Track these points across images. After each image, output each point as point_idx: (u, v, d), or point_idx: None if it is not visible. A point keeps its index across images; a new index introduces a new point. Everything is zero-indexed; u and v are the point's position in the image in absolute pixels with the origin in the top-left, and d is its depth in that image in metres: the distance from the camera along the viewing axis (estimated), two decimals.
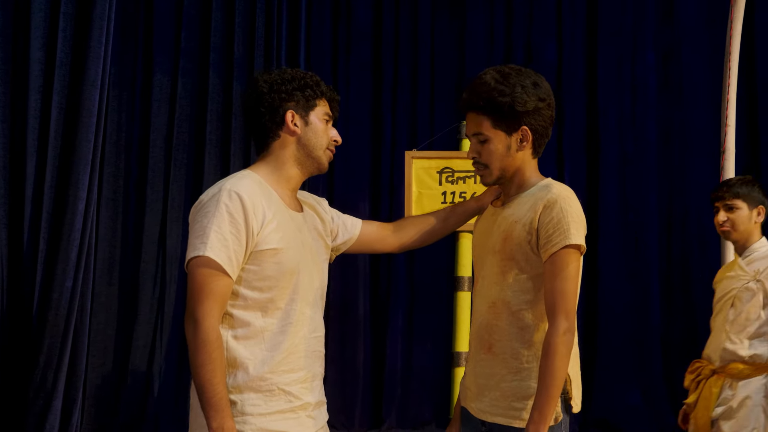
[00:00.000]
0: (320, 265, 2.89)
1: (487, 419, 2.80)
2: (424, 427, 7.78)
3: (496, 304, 2.79)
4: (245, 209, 2.60)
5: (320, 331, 2.83)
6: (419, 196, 5.55)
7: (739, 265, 4.24)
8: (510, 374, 2.74)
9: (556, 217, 2.66)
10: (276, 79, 2.80)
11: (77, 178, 5.76)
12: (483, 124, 2.78)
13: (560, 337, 2.61)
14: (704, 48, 8.13)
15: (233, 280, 2.62)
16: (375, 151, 8.09)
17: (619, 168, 8.13)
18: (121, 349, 6.83)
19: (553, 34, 8.27)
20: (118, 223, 6.92)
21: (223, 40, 7.29)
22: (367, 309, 7.87)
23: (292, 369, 2.70)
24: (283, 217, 2.73)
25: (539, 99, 2.76)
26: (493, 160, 2.81)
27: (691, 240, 8.12)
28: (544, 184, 2.82)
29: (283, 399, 2.68)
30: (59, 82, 5.85)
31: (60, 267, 5.71)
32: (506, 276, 2.77)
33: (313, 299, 2.81)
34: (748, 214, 4.17)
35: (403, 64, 8.18)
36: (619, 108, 8.19)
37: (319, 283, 2.86)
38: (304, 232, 2.82)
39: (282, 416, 2.68)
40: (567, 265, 2.65)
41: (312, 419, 2.75)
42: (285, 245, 2.69)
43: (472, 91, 2.80)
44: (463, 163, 5.51)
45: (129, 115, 7.04)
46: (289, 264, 2.69)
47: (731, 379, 4.10)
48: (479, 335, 2.85)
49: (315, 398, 2.78)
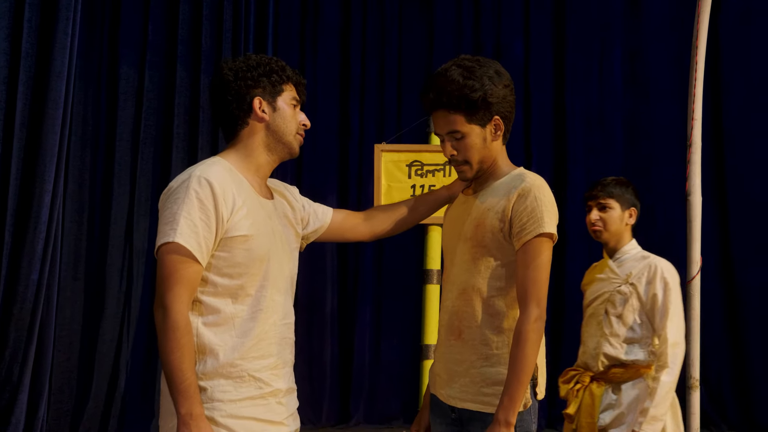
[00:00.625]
0: (290, 253, 2.88)
1: (456, 405, 2.81)
2: (392, 421, 7.80)
3: (466, 290, 2.80)
4: (215, 195, 2.59)
5: (290, 318, 2.83)
6: (388, 189, 5.56)
7: (609, 267, 4.16)
8: (480, 360, 2.76)
9: (530, 206, 2.68)
10: (241, 66, 2.77)
11: (43, 170, 5.70)
12: (457, 121, 2.76)
13: (532, 324, 2.63)
14: (670, 44, 8.23)
15: (203, 266, 2.61)
16: (342, 144, 8.11)
17: (585, 161, 8.20)
18: (88, 343, 6.78)
19: (521, 30, 8.33)
20: (84, 216, 6.86)
21: (191, 33, 7.26)
22: (335, 303, 7.87)
23: (262, 355, 2.69)
24: (253, 203, 2.71)
25: (504, 86, 2.77)
26: (471, 154, 2.81)
27: (657, 232, 8.19)
28: (517, 173, 2.83)
29: (253, 385, 2.67)
30: (24, 73, 5.79)
31: (26, 260, 5.65)
32: (477, 263, 2.78)
33: (284, 286, 2.80)
34: (620, 214, 4.12)
35: (371, 59, 8.19)
36: (586, 102, 8.27)
37: (290, 270, 2.85)
38: (274, 219, 2.81)
39: (252, 402, 2.66)
40: (539, 254, 2.68)
41: (282, 406, 2.74)
42: (255, 232, 2.67)
43: (441, 90, 2.76)
44: (432, 156, 5.53)
45: (95, 107, 6.98)
46: (259, 251, 2.68)
47: (614, 383, 3.99)
48: (449, 322, 2.86)
49: (285, 385, 2.77)
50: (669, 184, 8.08)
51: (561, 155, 8.22)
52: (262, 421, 2.67)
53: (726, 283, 8.05)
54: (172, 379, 2.50)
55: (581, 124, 8.27)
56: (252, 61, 2.79)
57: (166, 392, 2.57)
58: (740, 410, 7.88)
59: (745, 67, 8.18)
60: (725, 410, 7.87)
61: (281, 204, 2.91)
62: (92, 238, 6.91)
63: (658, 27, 8.34)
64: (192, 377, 2.53)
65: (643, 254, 4.16)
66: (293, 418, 2.81)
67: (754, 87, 8.14)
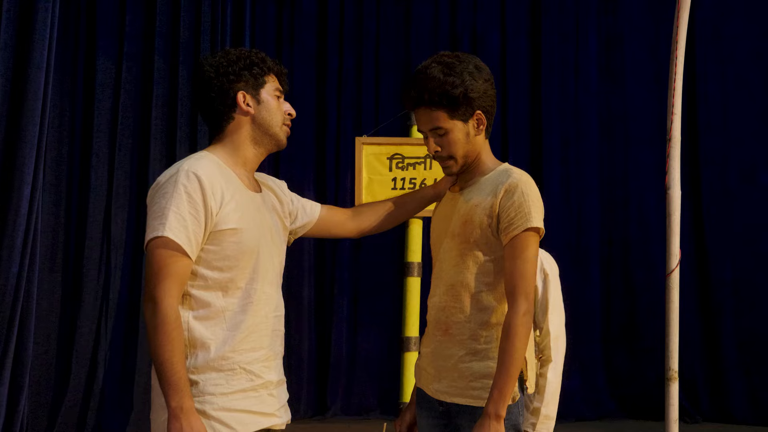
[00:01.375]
0: (279, 246, 2.90)
1: (445, 399, 2.84)
2: (369, 413, 7.84)
3: (454, 286, 2.83)
4: (203, 189, 2.60)
5: (281, 310, 2.85)
6: (369, 182, 5.55)
7: None
8: (468, 355, 2.79)
9: (517, 201, 2.72)
10: (221, 62, 2.78)
11: (23, 161, 5.67)
12: (440, 117, 2.80)
13: (521, 318, 2.66)
14: (647, 33, 8.31)
15: (192, 260, 2.63)
16: (320, 137, 8.13)
17: (561, 152, 8.27)
18: (65, 336, 6.76)
19: (497, 22, 8.37)
20: (61, 209, 6.84)
21: (169, 24, 7.24)
22: (312, 296, 7.90)
23: (253, 348, 2.71)
24: (242, 197, 2.73)
25: (485, 80, 2.81)
26: (456, 150, 2.84)
27: (631, 224, 8.28)
28: (503, 169, 2.87)
29: (245, 378, 2.69)
30: (3, 65, 5.75)
31: (5, 252, 5.63)
32: (465, 259, 2.82)
33: (274, 278, 2.82)
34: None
35: (348, 52, 8.21)
36: (561, 94, 8.34)
37: (279, 263, 2.88)
38: (263, 212, 2.83)
39: (244, 395, 2.68)
40: (527, 248, 2.71)
41: (274, 397, 2.77)
42: (244, 225, 2.69)
43: (422, 87, 2.79)
44: (413, 149, 5.54)
45: (71, 99, 6.95)
46: (248, 243, 2.70)
47: None
48: (437, 318, 2.89)
49: (276, 377, 2.79)
50: (644, 174, 8.18)
51: (537, 146, 8.29)
52: (254, 413, 2.69)
53: (700, 276, 8.15)
54: (162, 372, 2.52)
55: (557, 115, 8.34)
56: (232, 56, 2.79)
57: (156, 386, 2.58)
58: (714, 401, 7.99)
59: (720, 60, 8.29)
60: (699, 401, 7.98)
61: (269, 197, 2.93)
62: (69, 230, 6.88)
63: (635, 17, 8.42)
64: (182, 371, 2.54)
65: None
66: (285, 410, 2.83)
67: (730, 80, 8.24)
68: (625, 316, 8.29)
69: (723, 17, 8.27)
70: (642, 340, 8.14)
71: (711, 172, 8.21)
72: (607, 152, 8.36)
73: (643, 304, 8.21)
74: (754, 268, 8.05)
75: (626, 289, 8.32)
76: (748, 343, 7.98)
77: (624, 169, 8.32)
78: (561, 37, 8.35)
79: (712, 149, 8.22)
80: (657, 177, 7.93)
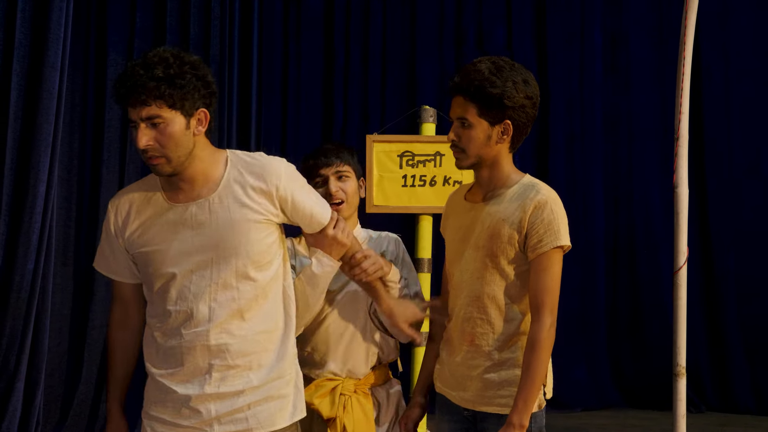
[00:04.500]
0: (221, 253, 2.80)
1: (471, 408, 2.93)
2: None
3: (480, 298, 2.90)
4: (108, 220, 2.88)
5: (205, 325, 2.79)
6: (380, 180, 5.61)
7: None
8: (495, 365, 2.87)
9: (547, 218, 2.81)
10: None
11: (38, 160, 5.71)
12: (469, 110, 2.86)
13: (546, 331, 2.77)
14: (652, 30, 8.35)
15: (126, 282, 2.96)
16: (326, 133, 8.18)
17: (566, 149, 8.33)
18: (78, 328, 6.81)
19: (503, 18, 8.41)
20: (73, 203, 6.88)
21: (179, 20, 7.26)
22: None
23: (169, 365, 2.83)
24: (158, 218, 2.81)
25: (527, 96, 2.86)
26: (471, 146, 2.89)
27: (636, 219, 8.33)
28: (529, 183, 2.93)
29: (161, 390, 2.85)
30: (19, 64, 5.79)
31: (21, 250, 5.68)
32: (491, 271, 2.88)
33: (200, 291, 2.79)
34: (356, 186, 3.43)
35: (354, 47, 8.26)
36: (566, 90, 8.38)
37: (215, 273, 2.80)
38: (186, 228, 2.79)
39: (166, 403, 2.84)
40: (553, 264, 2.82)
41: (192, 411, 2.80)
42: (152, 247, 2.80)
43: (465, 76, 2.86)
44: (424, 146, 5.60)
45: (82, 94, 6.99)
46: (157, 263, 2.81)
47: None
48: (461, 328, 2.95)
49: (196, 391, 2.79)
50: (649, 170, 8.24)
51: (542, 143, 8.34)
52: (165, 423, 2.85)
53: (705, 268, 8.21)
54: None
55: (562, 111, 8.39)
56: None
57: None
58: (718, 391, 8.07)
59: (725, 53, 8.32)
60: (704, 391, 8.06)
61: (231, 192, 2.82)
62: (81, 223, 6.93)
63: (640, 13, 8.46)
64: (110, 379, 3.05)
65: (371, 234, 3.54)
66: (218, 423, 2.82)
67: (734, 73, 8.28)
68: (630, 309, 8.37)
69: (727, 10, 8.30)
70: (647, 332, 8.22)
71: (715, 164, 8.26)
72: (612, 148, 8.41)
73: (648, 297, 8.28)
74: (758, 260, 8.11)
75: (631, 282, 8.39)
76: (753, 334, 8.06)
77: (628, 164, 8.39)
78: (566, 34, 8.40)
79: (716, 142, 8.27)
80: (661, 172, 8.02)
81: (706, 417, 7.77)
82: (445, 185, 5.57)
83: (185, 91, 2.66)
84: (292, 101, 8.20)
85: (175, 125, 2.67)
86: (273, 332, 2.87)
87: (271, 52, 8.08)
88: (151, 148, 2.67)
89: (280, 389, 2.87)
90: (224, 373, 2.79)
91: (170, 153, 2.69)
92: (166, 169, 2.71)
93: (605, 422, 7.57)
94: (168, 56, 2.68)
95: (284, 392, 2.88)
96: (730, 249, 8.16)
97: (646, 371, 8.12)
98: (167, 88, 2.63)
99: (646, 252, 8.30)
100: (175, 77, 2.64)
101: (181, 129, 2.68)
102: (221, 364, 2.79)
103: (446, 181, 5.58)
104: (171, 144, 2.67)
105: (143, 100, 2.63)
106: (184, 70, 2.68)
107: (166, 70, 2.64)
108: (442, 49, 8.34)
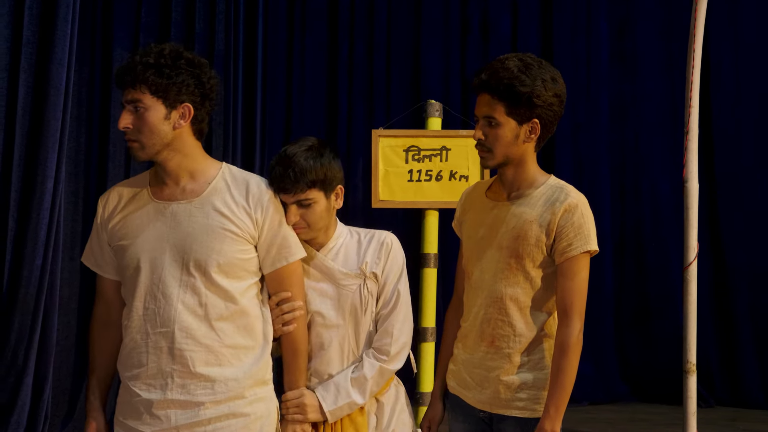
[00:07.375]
0: (193, 253, 2.80)
1: (487, 410, 2.91)
2: None
3: (502, 299, 2.86)
4: (98, 212, 2.95)
5: (170, 326, 2.79)
6: (386, 174, 5.62)
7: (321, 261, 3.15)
8: (514, 368, 2.86)
9: (577, 222, 2.78)
10: None
11: (45, 156, 5.72)
12: (497, 108, 2.81)
13: (576, 336, 2.75)
14: (658, 18, 8.31)
15: (107, 277, 2.97)
16: (330, 127, 8.17)
17: (572, 139, 8.30)
18: (85, 323, 6.78)
19: (508, 6, 8.38)
20: (80, 197, 6.89)
21: (184, 15, 7.27)
22: None
23: (133, 365, 2.84)
24: (139, 212, 2.86)
25: (555, 95, 2.84)
26: (498, 146, 2.85)
27: (643, 210, 8.31)
28: (556, 184, 2.91)
29: (126, 393, 2.86)
30: (26, 61, 5.79)
31: (29, 245, 5.69)
32: (514, 272, 2.85)
33: (165, 292, 2.80)
34: (326, 204, 3.06)
35: (358, 41, 8.24)
36: (572, 79, 8.35)
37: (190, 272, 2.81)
38: (164, 224, 2.82)
39: (129, 407, 2.85)
40: (582, 268, 2.79)
41: (154, 417, 2.80)
42: (129, 241, 2.84)
43: (493, 74, 2.81)
44: (429, 141, 5.61)
45: (89, 89, 6.99)
46: (129, 258, 2.84)
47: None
48: (480, 329, 2.92)
49: (159, 396, 2.79)
50: (656, 161, 8.21)
51: None
52: (131, 428, 2.84)
53: (714, 262, 8.18)
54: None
55: (568, 100, 8.33)
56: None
57: None
58: (727, 386, 8.06)
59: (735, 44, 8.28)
60: (713, 386, 8.05)
61: (213, 198, 2.85)
62: (88, 218, 6.92)
63: (647, 2, 8.43)
64: (91, 378, 3.05)
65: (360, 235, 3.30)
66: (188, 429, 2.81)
67: (743, 65, 8.24)
68: (638, 302, 8.35)
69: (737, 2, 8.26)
70: (654, 325, 8.21)
71: (725, 156, 8.23)
72: (619, 139, 8.38)
73: (655, 290, 8.26)
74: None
75: (638, 274, 8.38)
76: (762, 329, 8.05)
77: (636, 155, 8.36)
78: (572, 23, 8.37)
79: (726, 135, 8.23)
80: (669, 163, 8.00)
81: (715, 411, 7.75)
82: (451, 180, 5.57)
83: (171, 81, 2.73)
84: (297, 96, 8.19)
85: (154, 112, 2.73)
86: (242, 350, 2.85)
87: (276, 47, 8.07)
88: (129, 131, 2.75)
89: (243, 408, 2.83)
90: (186, 381, 2.79)
91: (144, 139, 2.75)
92: (140, 154, 2.79)
93: (612, 416, 7.56)
94: (166, 48, 2.77)
95: (247, 411, 2.84)
96: (739, 243, 8.14)
97: (653, 365, 8.11)
98: (152, 74, 2.70)
99: (654, 244, 8.29)
100: (163, 66, 2.72)
101: (158, 117, 2.73)
102: (183, 370, 2.79)
103: (452, 176, 5.58)
104: (146, 130, 2.74)
105: (129, 82, 2.73)
106: (177, 63, 2.75)
107: (158, 59, 2.73)
108: (448, 40, 8.31)
